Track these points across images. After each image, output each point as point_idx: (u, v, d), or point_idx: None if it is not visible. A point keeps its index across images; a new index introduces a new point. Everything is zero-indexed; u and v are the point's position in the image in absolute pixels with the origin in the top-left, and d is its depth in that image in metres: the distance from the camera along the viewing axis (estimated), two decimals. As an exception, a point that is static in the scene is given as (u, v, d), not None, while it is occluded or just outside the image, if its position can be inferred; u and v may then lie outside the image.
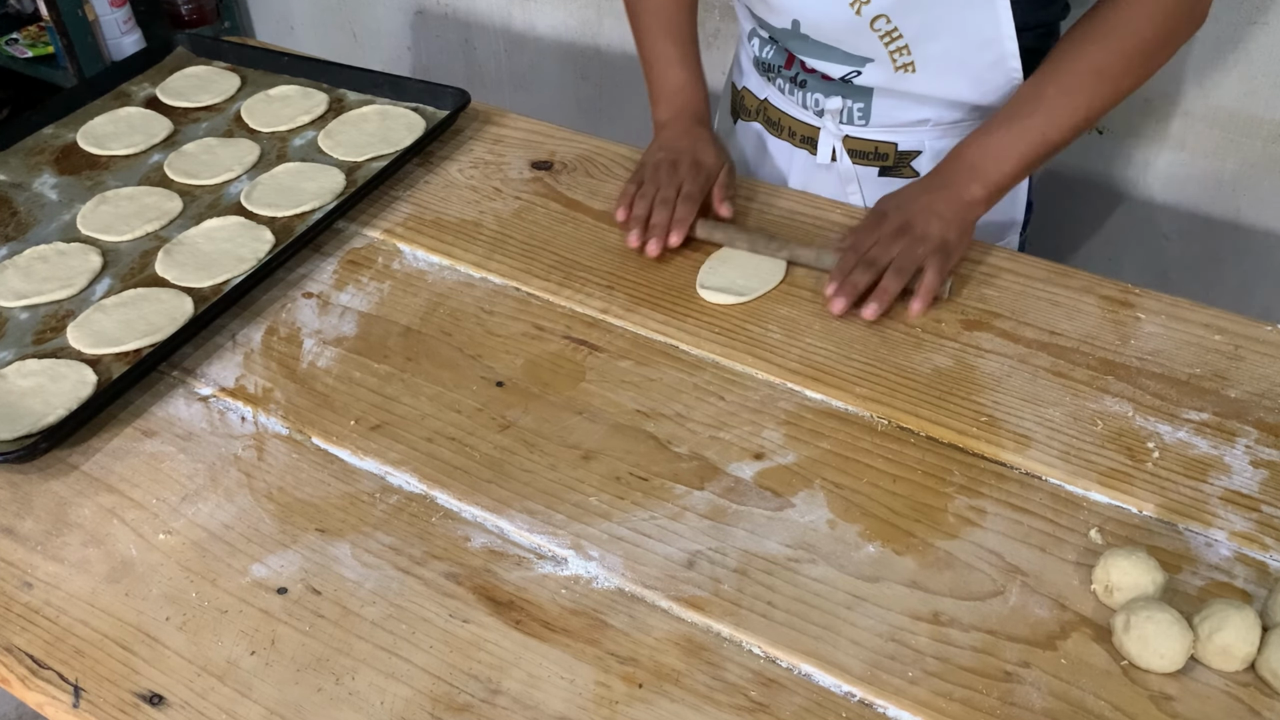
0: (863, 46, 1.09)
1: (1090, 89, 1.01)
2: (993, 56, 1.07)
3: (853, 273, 1.00)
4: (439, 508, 0.87)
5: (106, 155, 1.27)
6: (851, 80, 1.14)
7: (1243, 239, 1.51)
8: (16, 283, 1.08)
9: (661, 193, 1.09)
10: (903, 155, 1.18)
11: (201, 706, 0.74)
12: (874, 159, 1.20)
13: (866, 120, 1.17)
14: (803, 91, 1.19)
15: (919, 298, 0.99)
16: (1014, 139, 1.03)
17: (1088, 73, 1.01)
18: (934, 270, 0.99)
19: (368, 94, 1.34)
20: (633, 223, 1.09)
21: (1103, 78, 1.01)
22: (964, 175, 1.03)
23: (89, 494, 0.89)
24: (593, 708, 0.74)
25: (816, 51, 1.13)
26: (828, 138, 1.20)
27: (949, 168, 1.05)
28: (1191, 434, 0.91)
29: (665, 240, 1.07)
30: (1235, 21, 1.35)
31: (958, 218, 1.02)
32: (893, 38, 1.06)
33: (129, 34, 2.28)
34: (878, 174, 1.20)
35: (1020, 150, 1.03)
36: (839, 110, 1.17)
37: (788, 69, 1.19)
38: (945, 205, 1.03)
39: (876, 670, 0.75)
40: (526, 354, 1.00)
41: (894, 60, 1.09)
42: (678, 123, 1.17)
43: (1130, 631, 0.74)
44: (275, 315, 1.06)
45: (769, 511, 0.86)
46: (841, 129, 1.19)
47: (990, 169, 1.03)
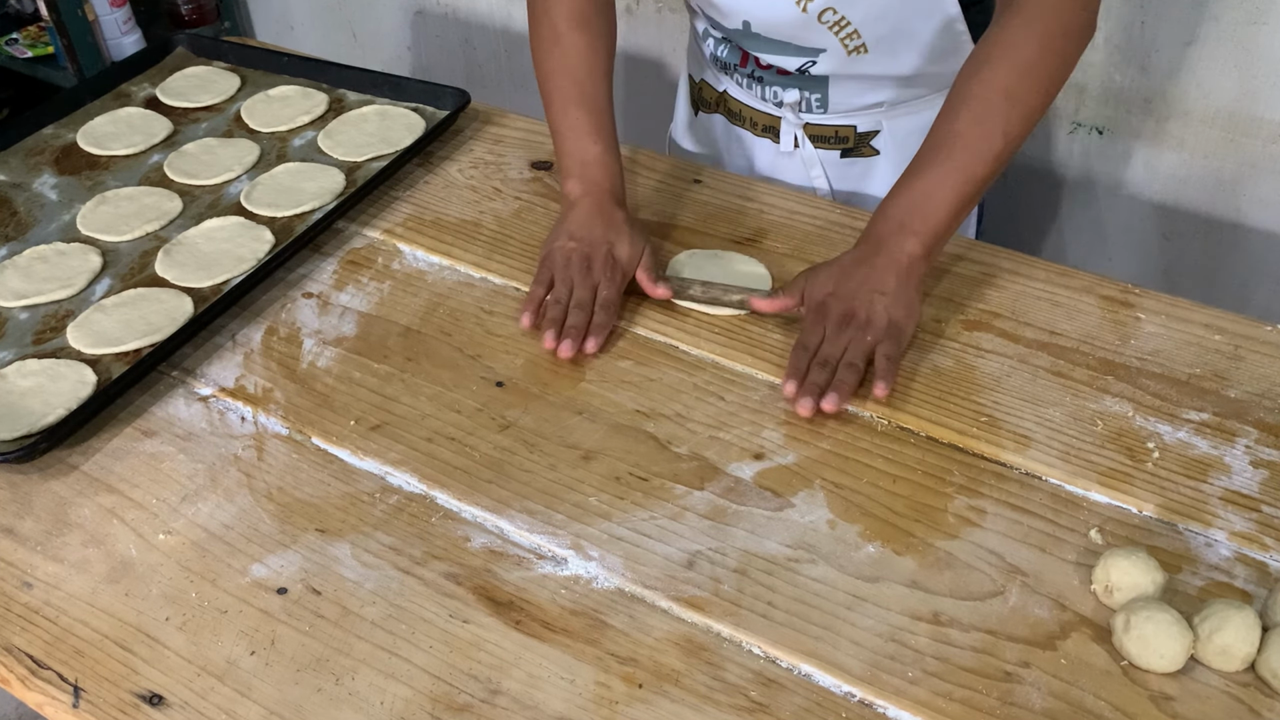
0: (813, 39, 1.11)
1: (1002, 114, 0.96)
2: (939, 22, 1.10)
3: (809, 373, 0.93)
4: (439, 508, 0.87)
5: (106, 155, 1.27)
6: (807, 71, 1.15)
7: (1243, 239, 1.51)
8: (16, 283, 1.08)
9: (576, 295, 1.01)
10: (862, 136, 1.20)
11: (201, 706, 0.74)
12: (835, 142, 1.21)
13: (825, 108, 1.19)
14: (760, 86, 1.21)
15: (879, 384, 0.92)
16: (939, 183, 0.97)
17: (995, 97, 0.96)
18: (885, 359, 0.93)
19: (368, 94, 1.34)
20: (547, 324, 1.00)
21: (1011, 99, 0.96)
22: (896, 234, 0.97)
23: (89, 494, 0.89)
24: (593, 708, 0.74)
25: (770, 48, 1.15)
26: (789, 127, 1.22)
27: (880, 228, 0.98)
28: (1191, 434, 0.91)
29: (581, 347, 0.99)
30: (1235, 21, 1.35)
31: (901, 288, 0.96)
32: (841, 26, 1.08)
33: (129, 34, 2.28)
34: (840, 156, 1.23)
35: (947, 194, 0.96)
36: (797, 101, 1.19)
37: (743, 66, 1.21)
38: (886, 276, 0.96)
39: (876, 670, 0.75)
40: (526, 354, 1.00)
41: (845, 46, 1.11)
42: (588, 201, 1.07)
43: (1130, 631, 0.74)
44: (275, 315, 1.06)
45: (769, 511, 0.86)
46: (801, 117, 1.20)
47: (922, 222, 0.96)
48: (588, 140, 1.09)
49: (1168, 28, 1.40)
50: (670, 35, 1.85)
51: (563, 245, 1.05)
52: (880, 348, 0.94)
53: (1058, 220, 1.65)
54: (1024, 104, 0.96)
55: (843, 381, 0.92)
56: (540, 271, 1.05)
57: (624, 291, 1.04)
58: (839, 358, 0.94)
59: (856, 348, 0.94)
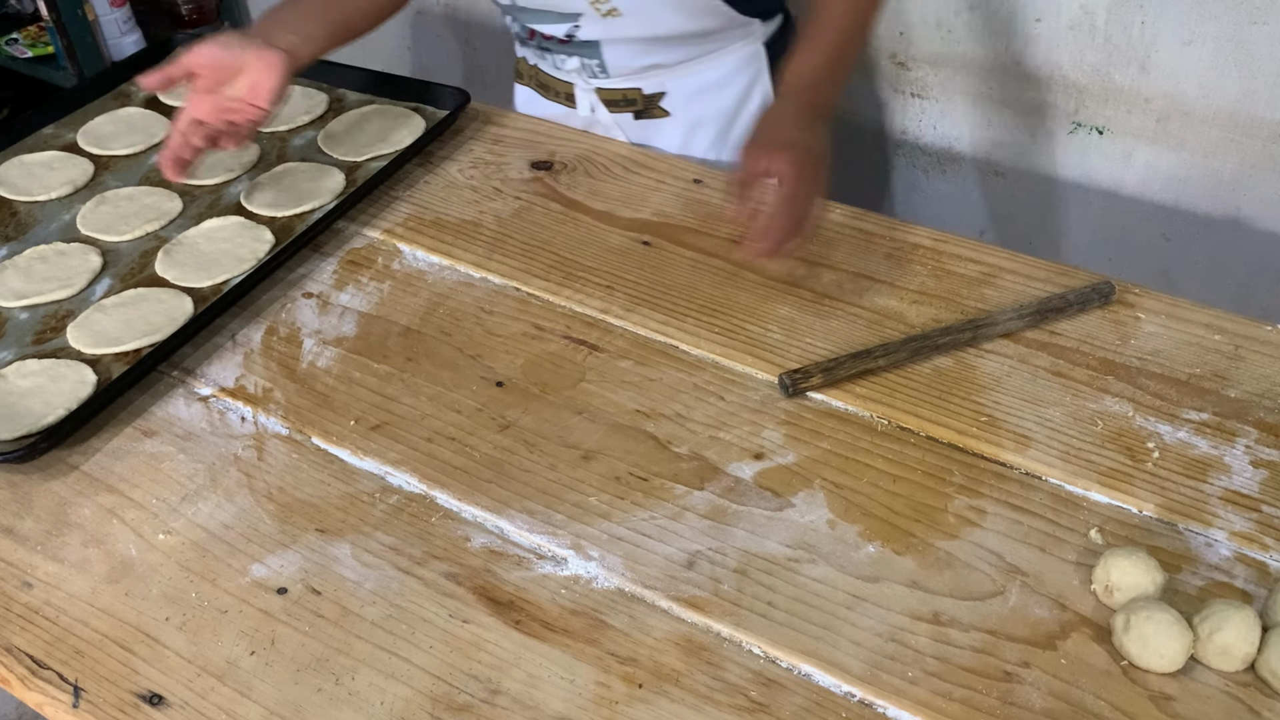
0: (565, 4, 1.17)
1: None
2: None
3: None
4: (439, 508, 0.87)
5: (106, 155, 1.26)
6: (574, 37, 1.22)
7: (1243, 239, 1.51)
8: (16, 283, 1.08)
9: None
10: (649, 99, 1.28)
11: (201, 706, 0.74)
12: (625, 105, 1.30)
13: (606, 73, 1.26)
14: (549, 55, 1.29)
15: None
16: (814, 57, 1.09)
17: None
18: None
19: (368, 94, 1.34)
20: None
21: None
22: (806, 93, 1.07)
23: (89, 494, 0.89)
24: (593, 708, 0.74)
25: (536, 18, 1.23)
26: (582, 93, 1.30)
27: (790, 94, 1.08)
28: (1191, 434, 0.91)
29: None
30: (1235, 21, 1.35)
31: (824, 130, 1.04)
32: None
33: (129, 34, 2.28)
34: (634, 118, 1.30)
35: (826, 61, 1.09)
36: (579, 69, 1.26)
37: (531, 40, 1.28)
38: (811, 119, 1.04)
39: (876, 670, 0.75)
40: (526, 354, 1.00)
41: (598, 10, 1.16)
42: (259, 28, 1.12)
43: (1130, 631, 0.74)
44: (275, 315, 1.06)
45: (769, 511, 0.86)
46: (590, 83, 1.28)
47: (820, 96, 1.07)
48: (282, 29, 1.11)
49: (1168, 28, 1.40)
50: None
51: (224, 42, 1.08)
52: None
53: (1058, 220, 1.65)
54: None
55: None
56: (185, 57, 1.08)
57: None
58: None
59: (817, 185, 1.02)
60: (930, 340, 0.98)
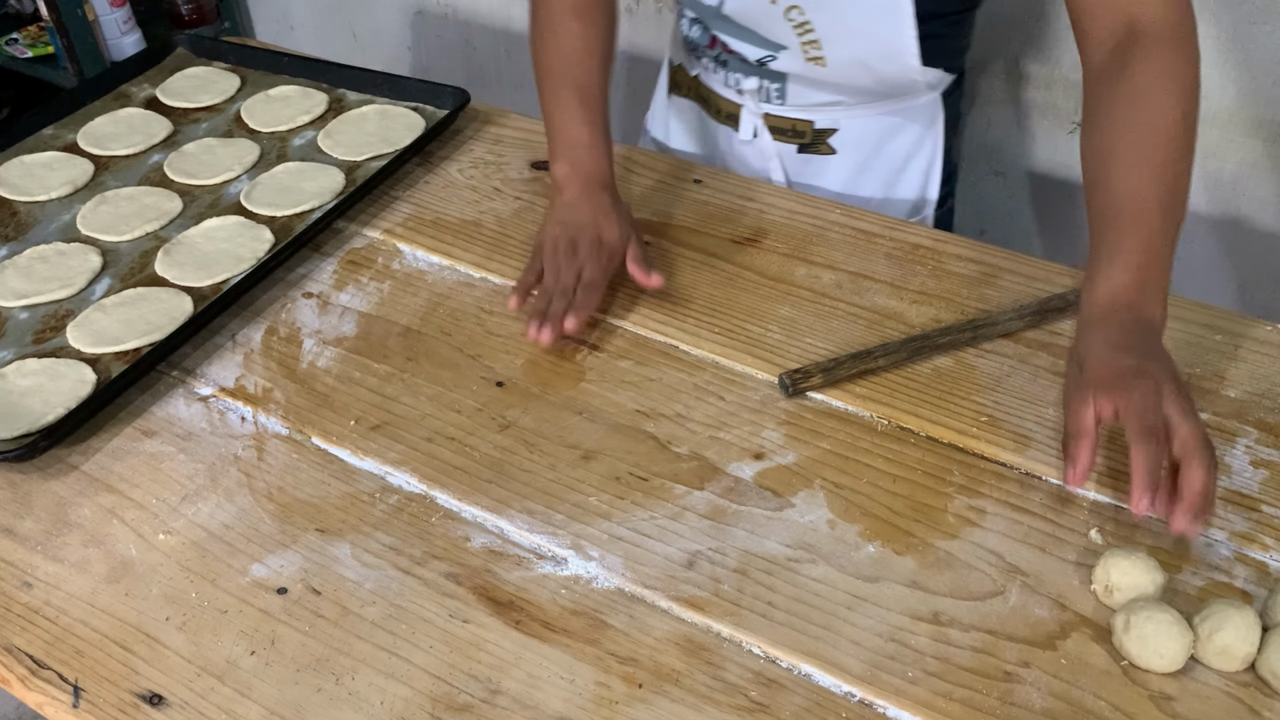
0: (777, 33, 1.13)
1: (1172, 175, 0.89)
2: (894, 51, 1.12)
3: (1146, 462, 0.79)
4: (439, 508, 0.87)
5: (106, 155, 1.26)
6: (767, 64, 1.17)
7: (1243, 239, 1.51)
8: (16, 282, 1.08)
9: (560, 281, 1.00)
10: (819, 133, 1.22)
11: (201, 706, 0.74)
12: (792, 136, 1.23)
13: (783, 100, 1.21)
14: (725, 70, 1.23)
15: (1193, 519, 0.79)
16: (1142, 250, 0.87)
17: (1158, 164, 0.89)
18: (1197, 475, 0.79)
19: (368, 94, 1.34)
20: (531, 314, 0.99)
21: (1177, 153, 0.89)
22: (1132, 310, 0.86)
23: (89, 494, 0.89)
24: (593, 708, 0.74)
25: (736, 33, 1.17)
26: (748, 115, 1.23)
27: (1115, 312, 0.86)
28: (1191, 434, 0.90)
29: (558, 330, 0.97)
30: (1235, 21, 1.35)
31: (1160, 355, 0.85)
32: (804, 30, 1.10)
33: (129, 34, 2.28)
34: (796, 150, 1.24)
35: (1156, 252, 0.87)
36: (756, 89, 1.21)
37: (711, 49, 1.22)
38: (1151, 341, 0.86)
39: (876, 670, 0.75)
40: (526, 354, 1.00)
41: (805, 52, 1.13)
42: (575, 185, 1.07)
43: (1130, 631, 0.74)
44: (275, 315, 1.06)
45: (769, 511, 0.86)
46: (761, 107, 1.22)
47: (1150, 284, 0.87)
48: (577, 124, 1.09)
49: (1168, 28, 1.40)
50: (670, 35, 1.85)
51: (550, 232, 1.05)
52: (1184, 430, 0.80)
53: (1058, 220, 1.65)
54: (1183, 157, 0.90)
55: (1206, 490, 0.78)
56: (532, 260, 1.05)
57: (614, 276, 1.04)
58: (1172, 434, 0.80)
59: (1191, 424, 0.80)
60: (930, 340, 0.98)
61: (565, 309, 0.98)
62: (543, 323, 0.98)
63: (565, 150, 1.09)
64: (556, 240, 1.04)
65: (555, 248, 1.03)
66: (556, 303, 0.99)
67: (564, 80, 1.11)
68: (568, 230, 1.04)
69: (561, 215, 1.06)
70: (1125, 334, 0.85)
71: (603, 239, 1.03)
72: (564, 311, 0.98)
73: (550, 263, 1.03)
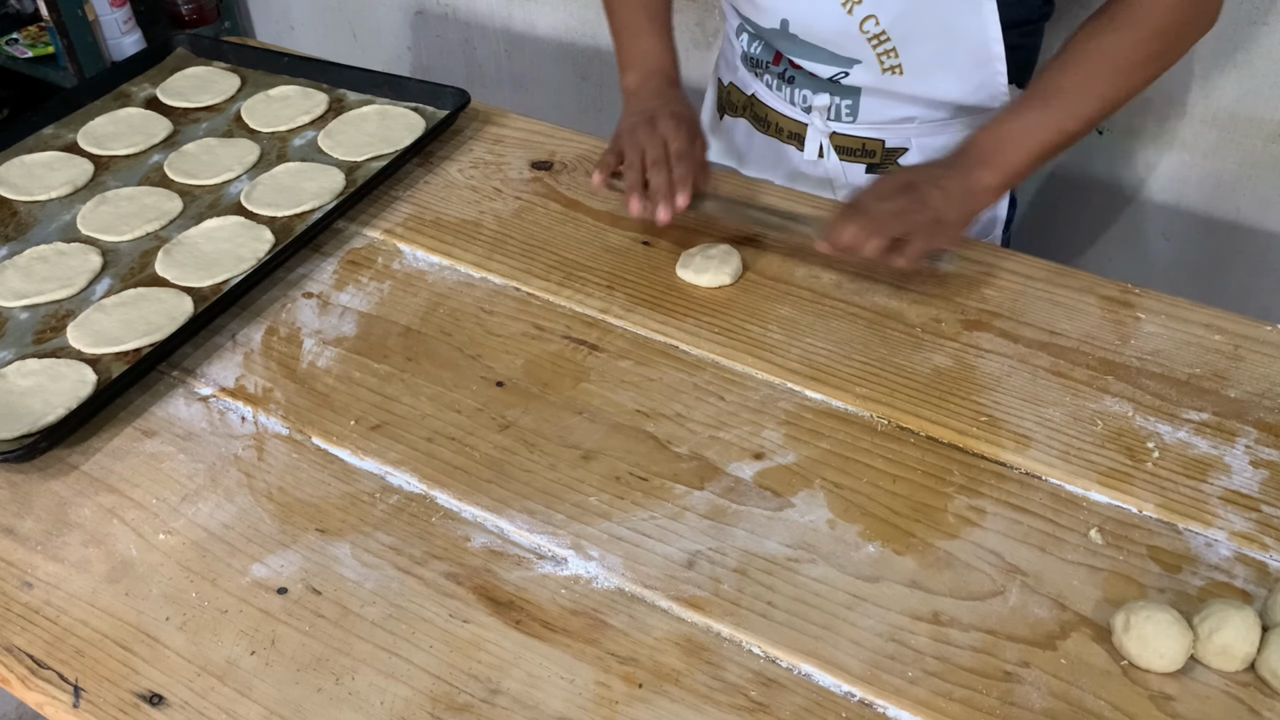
0: (850, 48, 1.09)
1: (1108, 79, 1.00)
2: (979, 57, 1.08)
3: (840, 219, 0.99)
4: (439, 508, 0.87)
5: (106, 155, 1.27)
6: (839, 81, 1.14)
7: (1243, 239, 1.51)
8: (16, 283, 1.08)
9: (649, 154, 1.04)
10: (890, 152, 1.19)
11: (201, 706, 0.74)
12: (861, 155, 1.20)
13: (854, 117, 1.17)
14: (790, 88, 1.19)
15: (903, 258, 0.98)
16: (1030, 128, 1.01)
17: (1106, 63, 1.00)
18: (917, 245, 0.97)
19: (368, 94, 1.34)
20: (629, 190, 1.03)
21: (1120, 69, 1.00)
22: (976, 161, 1.01)
23: (89, 494, 0.89)
24: (593, 708, 0.74)
25: (804, 52, 1.13)
26: (815, 134, 1.20)
27: (963, 152, 1.02)
28: (1191, 434, 0.91)
29: (673, 204, 1.02)
30: (1235, 21, 1.35)
31: (962, 199, 1.00)
32: (880, 40, 1.07)
33: (129, 34, 2.28)
34: (864, 171, 1.21)
35: (1036, 139, 1.01)
36: (826, 107, 1.17)
37: (775, 65, 1.19)
38: (954, 183, 1.00)
39: (876, 670, 0.75)
40: (526, 354, 1.00)
41: (881, 62, 1.09)
42: (648, 85, 1.14)
43: (1130, 631, 0.74)
44: (275, 315, 1.06)
45: (769, 511, 0.86)
46: (829, 125, 1.19)
47: (1004, 157, 1.01)
48: (643, 35, 1.17)
49: (1168, 28, 1.40)
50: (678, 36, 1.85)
51: (627, 123, 1.11)
52: (918, 232, 0.97)
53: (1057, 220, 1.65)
54: (1130, 75, 1.00)
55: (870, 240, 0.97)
56: (611, 145, 1.09)
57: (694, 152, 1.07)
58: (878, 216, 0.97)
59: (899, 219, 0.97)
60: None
61: (667, 182, 1.02)
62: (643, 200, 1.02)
63: (635, 60, 1.17)
64: (635, 124, 1.08)
65: (634, 129, 1.08)
66: (654, 177, 1.02)
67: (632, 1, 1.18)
68: (645, 115, 1.08)
69: (636, 106, 1.12)
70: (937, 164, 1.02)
71: (678, 114, 1.09)
72: (666, 185, 1.01)
73: (631, 142, 1.06)
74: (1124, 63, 1.00)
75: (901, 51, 1.08)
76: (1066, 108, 1.00)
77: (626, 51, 1.18)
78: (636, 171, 1.03)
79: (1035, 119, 1.01)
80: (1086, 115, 1.01)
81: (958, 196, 1.00)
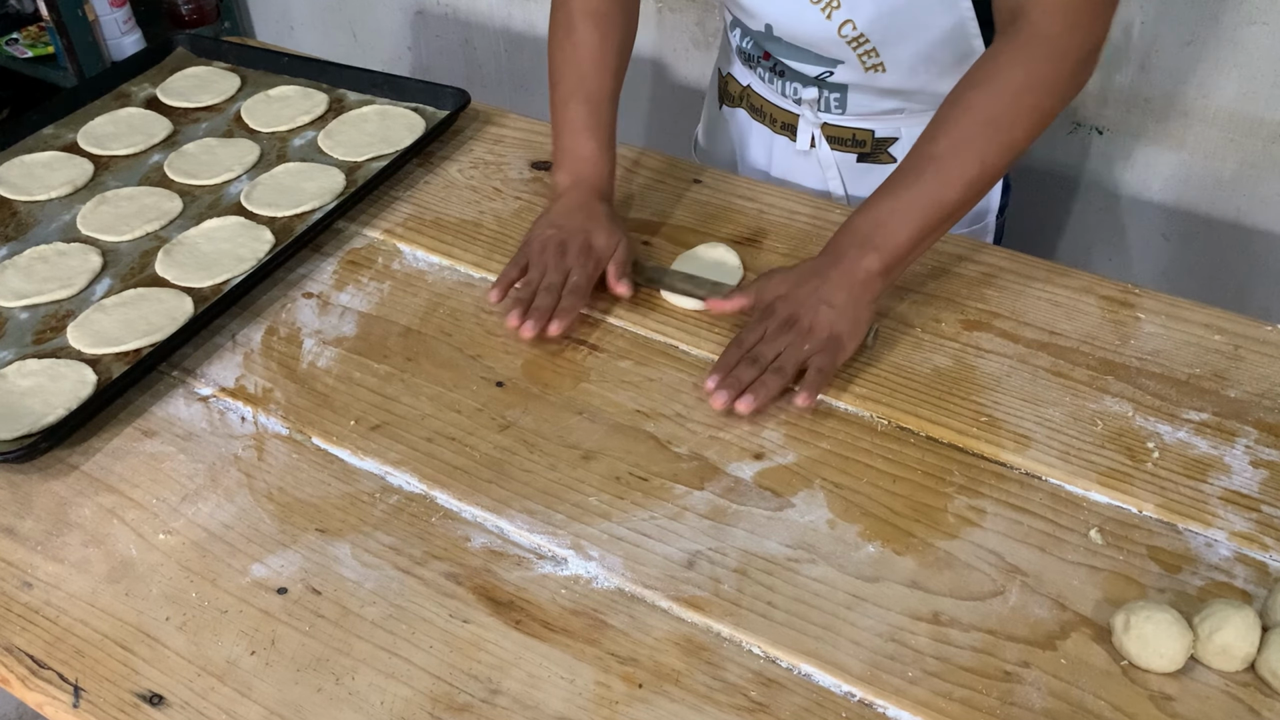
0: (832, 50, 1.11)
1: (982, 141, 0.95)
2: (960, 52, 1.08)
3: (736, 368, 0.93)
4: (439, 508, 0.87)
5: (106, 155, 1.27)
6: (825, 79, 1.15)
7: (1243, 239, 1.51)
8: (16, 283, 1.08)
9: (546, 279, 1.02)
10: (880, 142, 1.19)
11: (201, 706, 0.74)
12: (852, 145, 1.21)
13: (843, 109, 1.18)
14: (782, 80, 1.20)
15: (803, 393, 0.91)
16: (908, 204, 0.96)
17: (977, 124, 0.95)
18: (816, 370, 0.92)
19: (368, 94, 1.34)
20: (515, 303, 1.01)
21: (992, 128, 0.95)
22: (856, 249, 0.96)
23: (89, 494, 0.89)
24: (593, 708, 0.74)
25: (790, 53, 1.15)
26: (806, 125, 1.21)
27: (842, 241, 0.98)
28: (1191, 434, 0.91)
29: (545, 326, 0.99)
30: (1235, 21, 1.35)
31: (851, 302, 0.95)
32: (860, 42, 1.08)
33: (129, 34, 2.28)
34: (856, 160, 1.22)
35: (915, 215, 0.95)
36: (816, 99, 1.18)
37: (766, 60, 1.20)
38: (837, 289, 0.95)
39: (876, 670, 0.75)
40: (526, 354, 1.00)
41: (863, 62, 1.10)
42: (574, 194, 1.09)
43: (1130, 631, 0.74)
44: (275, 315, 1.06)
45: (769, 511, 0.86)
46: (820, 116, 1.20)
47: (884, 239, 0.95)
48: (583, 136, 1.11)
49: (1168, 28, 1.40)
50: (670, 35, 1.85)
51: (541, 233, 1.07)
52: (815, 359, 0.93)
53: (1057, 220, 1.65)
54: (1006, 134, 0.95)
55: (764, 385, 0.92)
56: (518, 254, 1.06)
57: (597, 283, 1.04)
58: (770, 360, 0.93)
59: (791, 353, 0.93)
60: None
61: (552, 307, 1.00)
62: (526, 315, 0.99)
63: (569, 160, 1.11)
64: (546, 241, 1.05)
65: (544, 247, 1.05)
66: (542, 298, 1.01)
67: (574, 90, 1.12)
68: (560, 233, 1.05)
69: (555, 219, 1.07)
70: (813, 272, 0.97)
71: (592, 245, 1.04)
72: (549, 309, 1.00)
73: (537, 260, 1.04)
74: (997, 121, 0.95)
75: (882, 52, 1.09)
76: (943, 177, 0.95)
77: (563, 149, 1.12)
78: (530, 290, 1.02)
79: (914, 194, 0.96)
80: (964, 181, 0.95)
81: (846, 302, 0.95)
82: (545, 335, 1.00)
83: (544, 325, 0.99)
